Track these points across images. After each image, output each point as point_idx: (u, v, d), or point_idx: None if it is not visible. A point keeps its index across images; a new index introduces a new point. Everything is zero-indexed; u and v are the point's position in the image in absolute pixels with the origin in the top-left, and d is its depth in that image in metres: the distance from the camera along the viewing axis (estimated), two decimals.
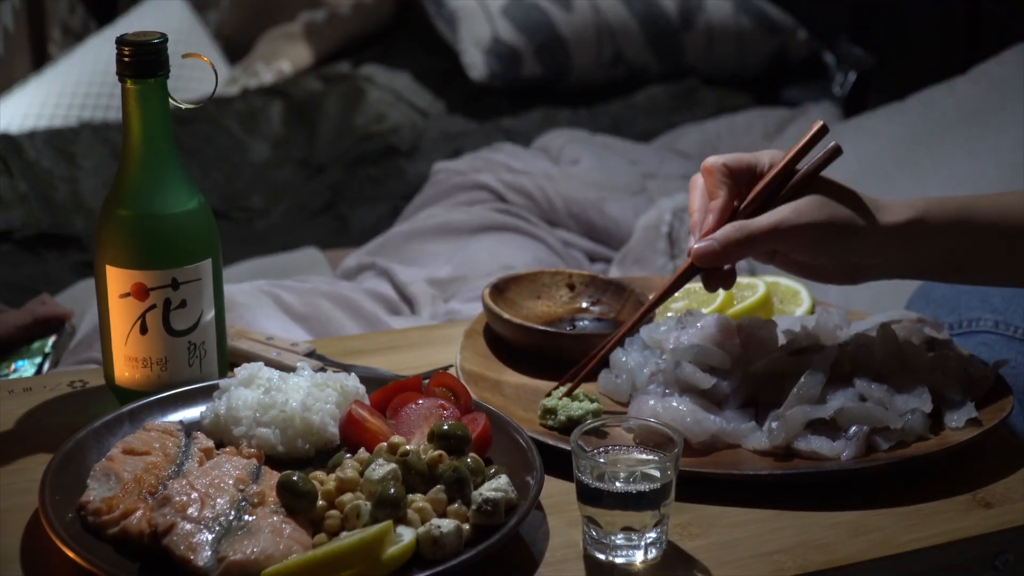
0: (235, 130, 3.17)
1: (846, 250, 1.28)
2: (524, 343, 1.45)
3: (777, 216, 1.26)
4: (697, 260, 1.28)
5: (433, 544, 1.06)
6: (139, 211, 1.28)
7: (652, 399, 1.29)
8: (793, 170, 1.30)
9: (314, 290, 2.00)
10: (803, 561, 1.12)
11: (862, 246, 1.28)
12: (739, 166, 1.30)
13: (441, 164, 2.68)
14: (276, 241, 2.76)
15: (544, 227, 2.43)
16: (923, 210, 1.29)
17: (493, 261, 2.23)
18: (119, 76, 1.26)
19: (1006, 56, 2.48)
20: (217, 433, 1.23)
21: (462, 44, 3.31)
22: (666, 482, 1.10)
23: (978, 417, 1.29)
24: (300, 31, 3.55)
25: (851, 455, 1.23)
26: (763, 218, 1.27)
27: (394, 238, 2.37)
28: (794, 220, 1.26)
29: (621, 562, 1.11)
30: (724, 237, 1.27)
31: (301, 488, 1.08)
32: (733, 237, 1.27)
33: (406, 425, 1.22)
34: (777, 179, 1.30)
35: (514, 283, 1.55)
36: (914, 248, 1.30)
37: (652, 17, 3.40)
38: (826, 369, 1.28)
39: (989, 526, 1.18)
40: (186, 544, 1.03)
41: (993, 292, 1.63)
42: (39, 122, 3.23)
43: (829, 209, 1.27)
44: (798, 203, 1.27)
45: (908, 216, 1.29)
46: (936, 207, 1.30)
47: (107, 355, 1.33)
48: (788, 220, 1.26)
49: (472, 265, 2.23)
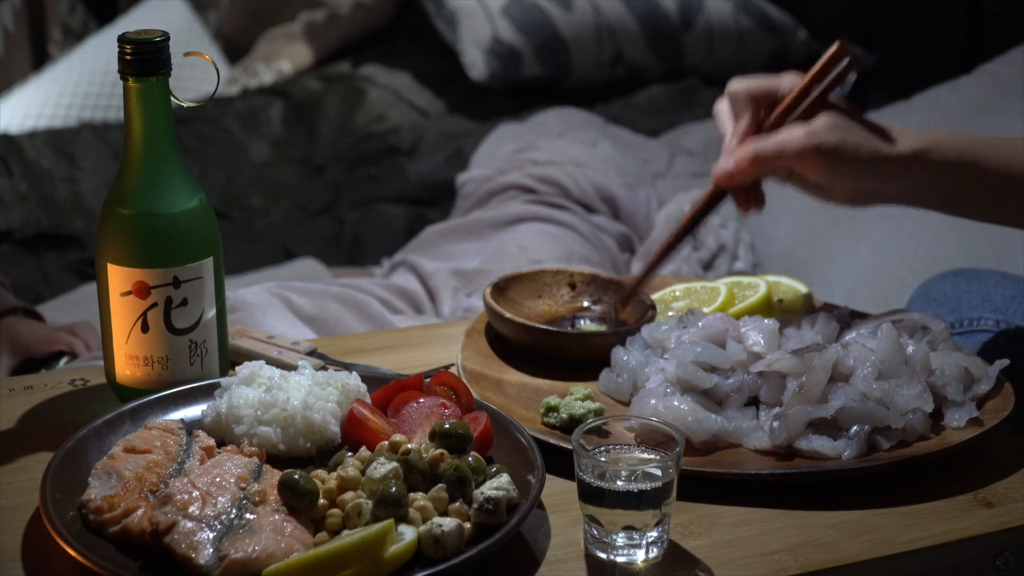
0: (235, 130, 3.17)
1: (855, 173, 1.33)
2: (525, 342, 1.45)
3: (786, 135, 1.33)
4: (717, 180, 1.38)
5: (434, 543, 1.06)
6: (141, 210, 1.28)
7: (653, 398, 1.29)
8: (810, 91, 1.36)
9: (323, 291, 1.99)
10: (804, 560, 1.12)
11: (871, 171, 1.33)
12: (761, 91, 1.37)
13: (465, 176, 2.67)
14: (276, 241, 2.76)
15: (580, 212, 2.42)
16: (930, 144, 1.34)
17: (522, 255, 2.22)
18: (121, 75, 1.26)
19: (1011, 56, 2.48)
20: (218, 431, 1.23)
21: (462, 44, 3.31)
22: (667, 481, 1.10)
23: (979, 417, 1.29)
24: (300, 31, 3.55)
25: (852, 454, 1.23)
26: (773, 137, 1.34)
27: (429, 237, 2.37)
28: (805, 140, 1.32)
29: (622, 561, 1.11)
30: (738, 156, 1.35)
31: (302, 487, 1.08)
32: (745, 156, 1.34)
33: (407, 424, 1.22)
34: (795, 101, 1.36)
35: (515, 282, 1.55)
36: (918, 178, 1.35)
37: (652, 17, 3.40)
38: (827, 368, 1.28)
39: (990, 526, 1.18)
40: (187, 542, 1.03)
41: (994, 291, 1.63)
42: (39, 122, 3.23)
43: (840, 132, 1.32)
44: (811, 124, 1.33)
45: (914, 147, 1.34)
46: (946, 142, 1.35)
47: (108, 353, 1.33)
48: (798, 139, 1.32)
49: (500, 259, 2.22)
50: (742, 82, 1.38)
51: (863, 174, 1.34)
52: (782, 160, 1.34)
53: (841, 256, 2.26)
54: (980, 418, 1.28)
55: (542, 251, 2.25)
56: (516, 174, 2.51)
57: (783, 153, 1.33)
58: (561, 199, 2.44)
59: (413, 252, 2.34)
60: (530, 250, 2.25)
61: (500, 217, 2.37)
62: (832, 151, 1.32)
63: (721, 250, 2.36)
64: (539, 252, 2.24)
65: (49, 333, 1.90)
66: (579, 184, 2.47)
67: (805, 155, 1.32)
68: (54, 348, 1.88)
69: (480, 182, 2.58)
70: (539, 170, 2.51)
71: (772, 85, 1.38)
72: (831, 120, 1.33)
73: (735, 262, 2.35)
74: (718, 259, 2.35)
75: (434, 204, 2.88)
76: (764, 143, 1.34)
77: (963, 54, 3.02)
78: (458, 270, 2.18)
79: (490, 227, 2.36)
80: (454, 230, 2.38)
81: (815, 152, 1.32)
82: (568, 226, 2.37)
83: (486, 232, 2.35)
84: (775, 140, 1.34)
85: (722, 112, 1.41)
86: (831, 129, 1.32)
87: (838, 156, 1.32)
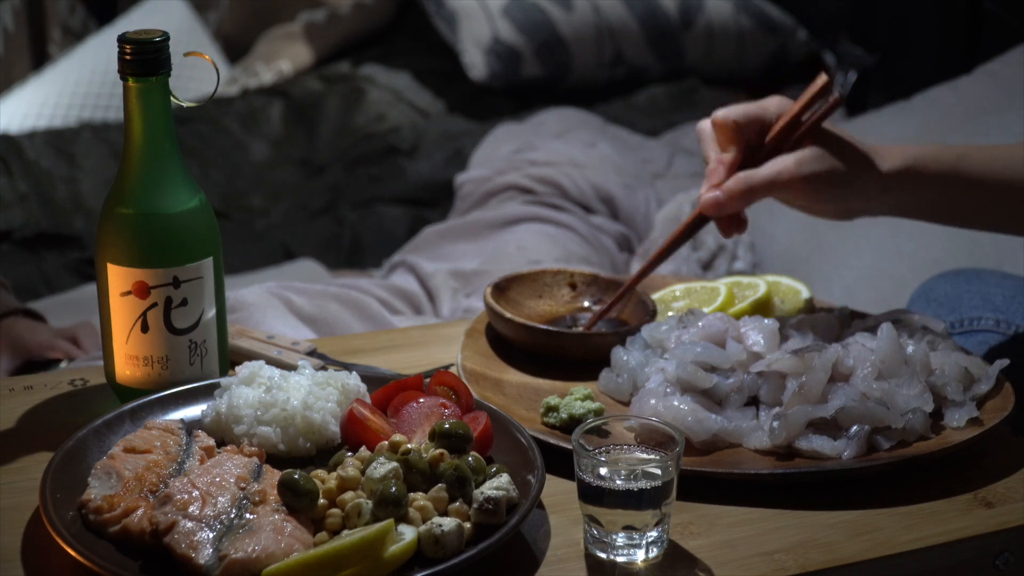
0: (235, 130, 3.17)
1: (843, 197, 1.38)
2: (525, 342, 1.45)
3: (777, 167, 1.37)
4: (705, 209, 1.40)
5: (434, 543, 1.06)
6: (141, 209, 1.28)
7: (653, 398, 1.29)
8: (799, 121, 1.39)
9: (323, 292, 1.99)
10: (804, 560, 1.12)
11: (857, 194, 1.38)
12: (747, 120, 1.40)
13: (463, 176, 2.66)
14: (276, 241, 2.76)
15: (579, 212, 2.42)
16: (914, 160, 1.38)
17: (521, 256, 2.22)
18: (121, 74, 1.26)
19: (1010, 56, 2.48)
20: (218, 431, 1.23)
21: (462, 44, 3.31)
22: (667, 481, 1.10)
23: (979, 417, 1.29)
24: (300, 31, 3.55)
25: (852, 454, 1.23)
26: (764, 169, 1.37)
27: (428, 238, 2.37)
28: (794, 171, 1.36)
29: (622, 561, 1.11)
30: (728, 188, 1.38)
31: (302, 486, 1.08)
32: (737, 188, 1.37)
33: (407, 424, 1.22)
34: (784, 131, 1.40)
35: (516, 282, 1.55)
36: (907, 194, 1.39)
37: (652, 17, 3.40)
38: (827, 368, 1.28)
39: (990, 526, 1.18)
40: (187, 542, 1.03)
41: (994, 291, 1.63)
42: (39, 122, 3.23)
43: (828, 161, 1.36)
44: (799, 154, 1.37)
45: (901, 165, 1.38)
46: (930, 157, 1.38)
47: (108, 353, 1.33)
48: (788, 171, 1.36)
49: (499, 259, 2.22)
50: (729, 112, 1.40)
51: (850, 197, 1.38)
52: (772, 192, 1.38)
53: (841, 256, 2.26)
54: (980, 418, 1.28)
55: (541, 252, 2.25)
56: (515, 175, 2.51)
57: (774, 184, 1.37)
58: (560, 200, 2.44)
59: (412, 253, 2.34)
60: (529, 251, 2.25)
61: (498, 218, 2.37)
62: (820, 180, 1.36)
63: (721, 250, 2.36)
64: (538, 253, 2.24)
65: (49, 338, 1.90)
66: (578, 185, 2.47)
67: (796, 186, 1.37)
68: (53, 355, 1.87)
69: (479, 182, 2.58)
70: (538, 171, 2.51)
71: (758, 113, 1.40)
72: (818, 150, 1.37)
73: (735, 262, 2.35)
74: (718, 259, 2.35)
75: (434, 204, 2.87)
76: (756, 177, 1.37)
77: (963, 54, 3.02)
78: (457, 271, 2.18)
79: (489, 227, 2.36)
80: (453, 230, 2.37)
81: (803, 182, 1.36)
82: (567, 226, 2.37)
83: (485, 232, 2.35)
84: (766, 174, 1.37)
85: (705, 133, 1.43)
86: (821, 158, 1.36)
87: (826, 184, 1.36)
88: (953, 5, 3.11)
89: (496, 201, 2.49)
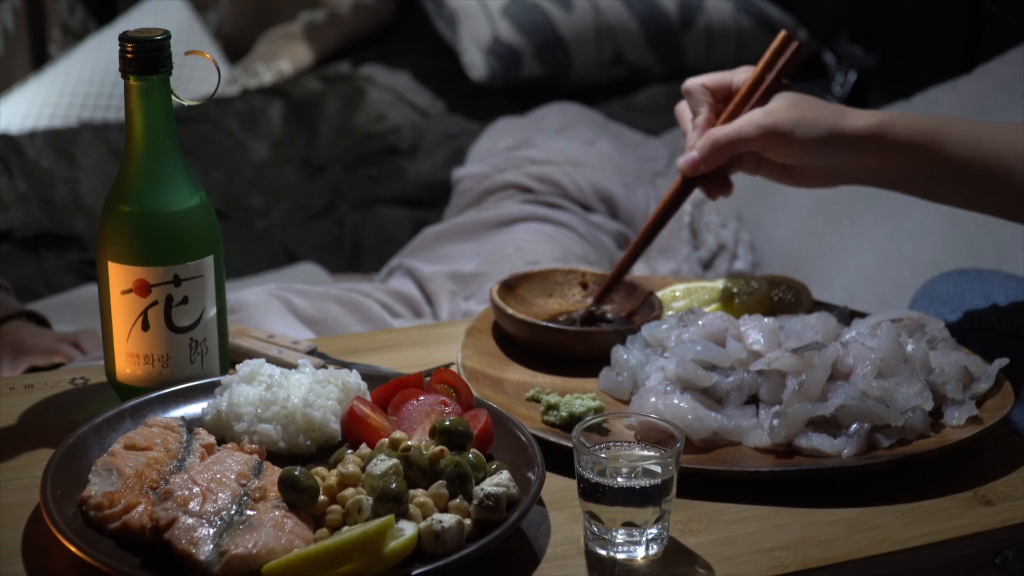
0: (235, 130, 3.17)
1: (812, 148, 1.38)
2: (526, 338, 1.45)
3: (745, 118, 1.39)
4: (683, 170, 1.44)
5: (434, 539, 1.06)
6: (142, 207, 1.28)
7: (653, 396, 1.29)
8: (763, 78, 1.43)
9: (324, 294, 1.99)
10: (804, 558, 1.13)
11: (826, 147, 1.38)
12: (716, 84, 1.44)
13: (462, 171, 2.66)
14: (276, 243, 2.76)
15: (578, 211, 2.42)
16: (889, 121, 1.38)
17: (519, 257, 2.21)
18: (122, 73, 1.26)
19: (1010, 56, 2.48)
20: (219, 429, 1.23)
21: (462, 44, 3.31)
22: (667, 478, 1.10)
23: (979, 415, 1.29)
24: (300, 31, 3.55)
25: (852, 452, 1.24)
26: (731, 123, 1.40)
27: (426, 239, 2.37)
28: (762, 120, 1.38)
29: (622, 558, 1.11)
30: (701, 145, 1.41)
31: (303, 483, 1.08)
32: (707, 143, 1.41)
33: (407, 421, 1.22)
34: (749, 91, 1.43)
35: (526, 281, 1.56)
36: (880, 158, 1.39)
37: (652, 17, 3.40)
38: (827, 367, 1.28)
39: (990, 523, 1.18)
40: (188, 538, 1.03)
41: (997, 291, 1.63)
42: (39, 122, 3.23)
43: (795, 112, 1.38)
44: (767, 107, 1.39)
45: (870, 124, 1.38)
46: (902, 123, 1.38)
47: (109, 351, 1.33)
48: (755, 121, 1.38)
49: (497, 261, 2.22)
50: (697, 78, 1.45)
51: (821, 149, 1.38)
52: (742, 143, 1.39)
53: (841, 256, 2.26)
54: (980, 417, 1.29)
55: (539, 251, 2.25)
56: (513, 173, 2.51)
57: (741, 135, 1.39)
58: (558, 198, 2.44)
59: (410, 255, 2.33)
60: (527, 251, 2.24)
61: (497, 217, 2.37)
62: (789, 128, 1.37)
63: (721, 250, 2.36)
64: (536, 253, 2.24)
65: (52, 342, 1.89)
66: (577, 183, 2.47)
67: (764, 136, 1.38)
68: (55, 360, 1.87)
69: (477, 179, 2.57)
70: (537, 169, 2.51)
71: (726, 79, 1.45)
72: (786, 101, 1.39)
73: (735, 262, 2.35)
74: (718, 259, 2.35)
75: (434, 205, 2.87)
76: (722, 129, 1.40)
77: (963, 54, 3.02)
78: (455, 273, 2.18)
79: (487, 228, 2.36)
80: (451, 231, 2.37)
81: (772, 131, 1.37)
82: (565, 225, 2.37)
83: (483, 233, 2.35)
84: (733, 125, 1.40)
85: (682, 111, 1.48)
86: (787, 108, 1.38)
87: (795, 132, 1.37)
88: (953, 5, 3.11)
89: (494, 199, 2.48)
